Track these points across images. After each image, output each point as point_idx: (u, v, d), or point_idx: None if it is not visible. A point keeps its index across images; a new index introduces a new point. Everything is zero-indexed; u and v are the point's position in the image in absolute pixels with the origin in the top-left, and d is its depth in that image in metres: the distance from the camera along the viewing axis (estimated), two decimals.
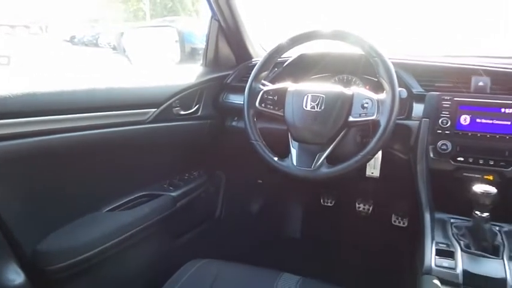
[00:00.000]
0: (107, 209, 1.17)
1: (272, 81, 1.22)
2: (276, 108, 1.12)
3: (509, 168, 0.98)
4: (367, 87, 1.27)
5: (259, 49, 1.55)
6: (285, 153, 1.09)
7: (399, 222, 1.59)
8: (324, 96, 1.05)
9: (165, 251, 1.33)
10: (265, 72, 1.17)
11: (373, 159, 1.17)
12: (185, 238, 1.44)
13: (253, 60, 1.51)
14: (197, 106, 1.38)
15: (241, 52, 1.51)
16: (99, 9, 16.12)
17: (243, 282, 1.03)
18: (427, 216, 1.01)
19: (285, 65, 1.34)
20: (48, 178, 1.00)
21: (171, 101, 1.27)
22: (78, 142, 1.02)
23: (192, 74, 1.39)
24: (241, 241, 1.62)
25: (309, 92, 1.07)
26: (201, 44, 1.51)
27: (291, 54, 1.32)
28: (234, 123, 1.44)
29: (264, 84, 1.17)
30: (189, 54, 1.55)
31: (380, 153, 1.18)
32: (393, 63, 1.15)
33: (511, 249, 0.88)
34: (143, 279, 1.25)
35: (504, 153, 0.99)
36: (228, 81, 1.46)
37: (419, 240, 1.00)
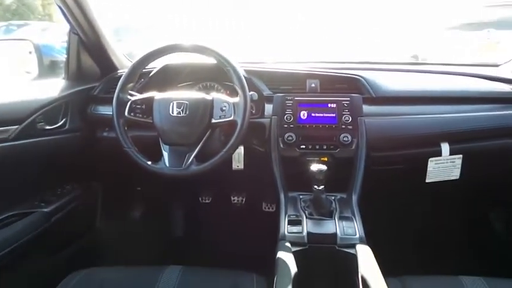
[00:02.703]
0: None
1: (140, 91, 1.30)
2: (145, 116, 1.20)
3: (337, 150, 1.27)
4: (227, 92, 1.45)
5: (124, 60, 1.60)
6: (158, 157, 1.19)
7: (269, 208, 1.82)
8: (187, 102, 1.17)
9: (44, 267, 1.29)
10: (132, 84, 1.24)
11: (236, 154, 1.35)
12: (66, 252, 1.41)
13: (118, 71, 1.55)
14: (64, 120, 1.37)
15: (105, 64, 1.54)
16: None
17: (129, 283, 1.08)
18: (282, 196, 1.22)
19: (150, 75, 1.42)
20: None
21: (34, 116, 1.24)
22: None
23: (54, 87, 1.37)
24: (126, 247, 1.64)
25: (174, 99, 1.18)
26: (61, 57, 1.48)
27: (156, 65, 1.42)
28: (105, 134, 1.46)
29: (131, 95, 1.23)
30: (48, 68, 1.51)
31: (242, 148, 1.36)
32: (246, 71, 1.36)
33: (341, 212, 1.14)
34: None
35: (332, 139, 1.27)
36: (95, 93, 1.48)
37: None
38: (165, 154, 1.18)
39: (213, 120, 1.17)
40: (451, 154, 1.30)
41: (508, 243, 1.64)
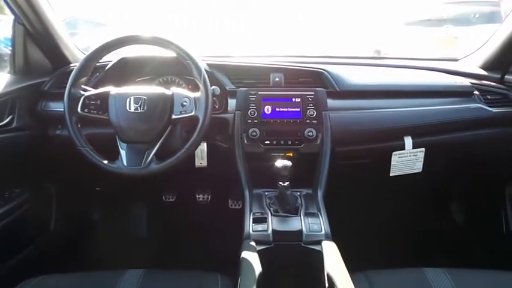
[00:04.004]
0: None
1: (95, 86, 1.22)
2: (100, 112, 1.13)
3: (302, 145, 1.25)
4: (190, 86, 1.39)
5: (78, 53, 1.51)
6: (116, 156, 1.12)
7: (235, 205, 1.78)
8: (145, 97, 1.11)
9: None
10: (85, 78, 1.16)
11: (199, 151, 1.31)
12: (16, 259, 1.32)
13: (71, 65, 1.46)
14: (10, 117, 1.26)
15: (56, 57, 1.44)
16: None
17: None
18: (247, 193, 1.19)
19: (106, 69, 1.34)
20: None
21: None
22: None
23: None
24: (83, 251, 1.56)
25: (131, 94, 1.12)
26: (6, 49, 1.37)
27: (112, 59, 1.34)
28: (58, 132, 1.37)
29: (85, 90, 1.16)
30: None
31: (205, 144, 1.31)
32: (209, 65, 1.32)
33: (307, 208, 1.12)
34: None
35: (297, 134, 1.25)
36: (46, 88, 1.38)
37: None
38: (123, 152, 1.12)
39: (173, 116, 1.12)
40: (414, 148, 1.32)
41: (467, 233, 1.70)
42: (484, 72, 1.48)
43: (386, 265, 1.08)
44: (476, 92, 1.39)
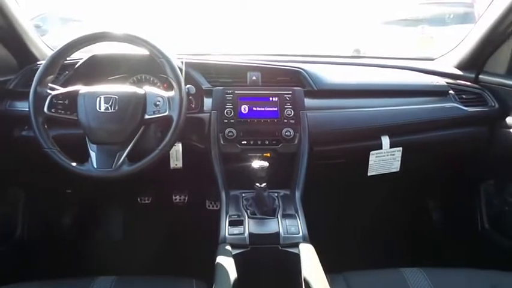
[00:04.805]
0: None
1: (64, 85, 1.17)
2: (69, 112, 1.08)
3: (279, 145, 1.22)
4: (165, 85, 1.35)
5: (47, 50, 1.44)
6: (86, 158, 1.07)
7: (213, 206, 1.74)
8: (116, 97, 1.06)
9: None
10: (52, 76, 1.11)
11: (174, 152, 1.27)
12: None
13: (38, 63, 1.38)
14: None
15: (23, 54, 1.36)
16: None
17: None
18: (223, 195, 1.16)
19: (76, 67, 1.29)
20: None
21: None
22: None
23: None
24: (53, 258, 1.49)
25: (101, 93, 1.07)
26: None
27: (82, 56, 1.29)
28: (24, 133, 1.30)
29: (52, 88, 1.10)
30: None
31: (180, 145, 1.27)
32: (184, 63, 1.27)
33: (284, 209, 1.10)
34: None
35: (275, 133, 1.23)
36: (11, 86, 1.31)
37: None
38: (93, 154, 1.07)
39: (146, 116, 1.08)
40: (391, 147, 1.32)
41: (444, 232, 1.72)
42: (459, 72, 1.50)
43: (364, 266, 1.07)
44: (451, 92, 1.40)
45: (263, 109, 1.25)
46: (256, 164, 1.04)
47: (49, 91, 1.09)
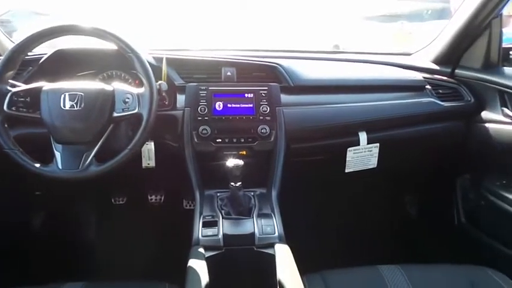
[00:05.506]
0: None
1: (27, 82, 1.11)
2: (31, 110, 1.02)
3: (255, 143, 1.19)
4: (136, 81, 1.30)
5: (9, 44, 1.37)
6: (51, 158, 1.02)
7: (190, 206, 1.70)
8: (82, 94, 1.01)
9: None
10: (12, 72, 1.05)
11: (146, 151, 1.22)
12: None
13: None
14: None
15: None
16: None
17: None
18: (197, 195, 1.13)
19: (40, 62, 1.22)
20: None
21: None
22: None
23: None
24: (20, 263, 1.43)
25: (66, 90, 1.01)
26: None
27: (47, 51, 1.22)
28: None
29: (13, 85, 1.04)
30: None
31: (152, 144, 1.23)
32: (156, 58, 1.23)
33: (260, 208, 1.08)
34: None
35: (250, 131, 1.20)
36: None
37: None
38: (58, 154, 1.02)
39: (115, 114, 1.03)
40: (368, 143, 1.31)
41: (422, 227, 1.73)
42: (435, 67, 1.50)
43: (343, 264, 1.06)
44: (428, 87, 1.40)
45: (238, 106, 1.22)
46: (231, 162, 1.01)
47: (9, 88, 1.02)
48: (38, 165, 1.01)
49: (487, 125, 1.34)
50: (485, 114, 1.36)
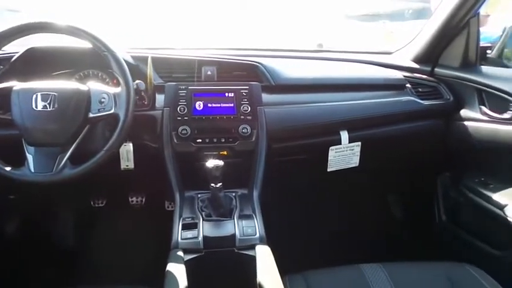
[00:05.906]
0: None
1: None
2: (1, 112, 0.99)
3: (236, 143, 1.17)
4: (114, 81, 1.26)
5: None
6: (23, 161, 0.98)
7: (172, 207, 1.67)
8: (56, 94, 0.98)
9: None
10: None
11: (125, 152, 1.19)
12: None
13: None
14: None
15: None
16: None
17: None
18: (177, 196, 1.11)
19: (12, 61, 1.18)
20: None
21: None
22: None
23: None
24: None
25: (38, 90, 0.98)
26: None
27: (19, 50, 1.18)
28: None
29: None
30: None
31: (131, 145, 1.20)
32: (133, 57, 1.20)
33: (242, 209, 1.06)
34: None
35: (231, 131, 1.18)
36: None
37: None
38: (30, 157, 0.98)
39: (90, 115, 1.00)
40: (350, 142, 1.30)
41: (404, 226, 1.74)
42: (415, 65, 1.51)
43: (325, 264, 1.06)
44: (408, 85, 1.41)
45: (219, 105, 1.20)
46: (211, 163, 0.99)
47: None
48: (8, 168, 0.97)
49: (465, 123, 1.36)
50: (464, 112, 1.38)
